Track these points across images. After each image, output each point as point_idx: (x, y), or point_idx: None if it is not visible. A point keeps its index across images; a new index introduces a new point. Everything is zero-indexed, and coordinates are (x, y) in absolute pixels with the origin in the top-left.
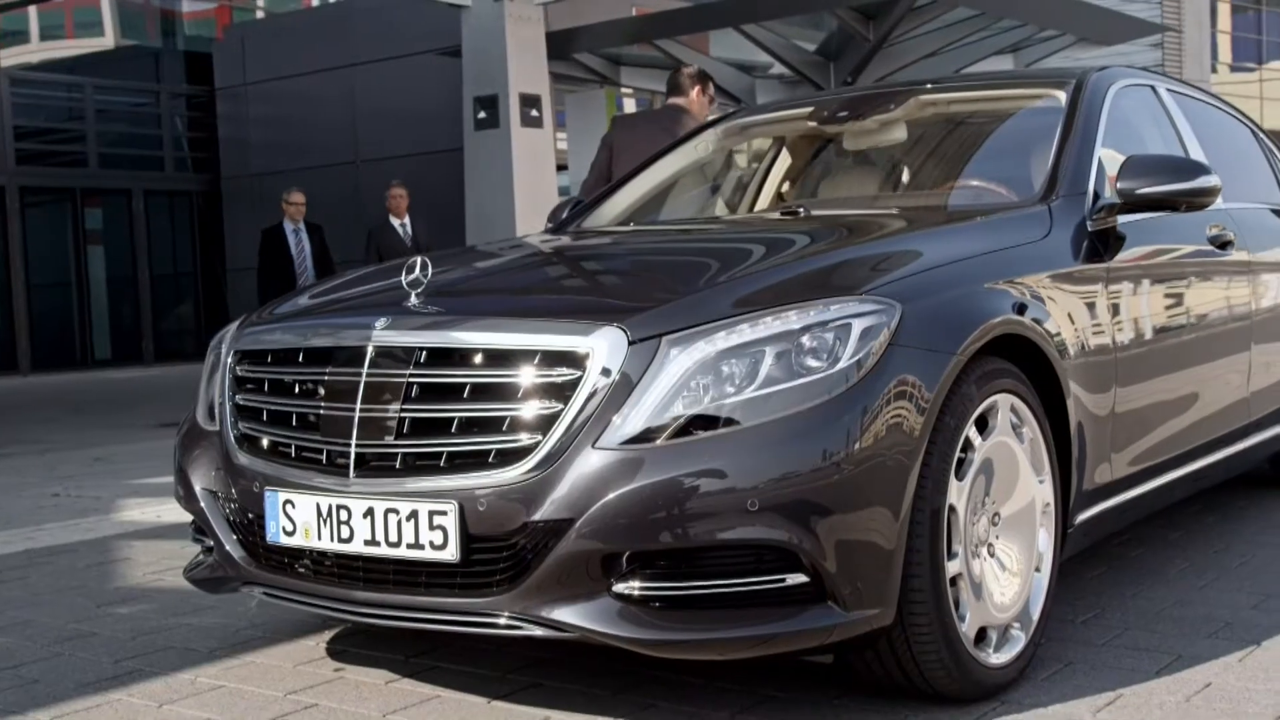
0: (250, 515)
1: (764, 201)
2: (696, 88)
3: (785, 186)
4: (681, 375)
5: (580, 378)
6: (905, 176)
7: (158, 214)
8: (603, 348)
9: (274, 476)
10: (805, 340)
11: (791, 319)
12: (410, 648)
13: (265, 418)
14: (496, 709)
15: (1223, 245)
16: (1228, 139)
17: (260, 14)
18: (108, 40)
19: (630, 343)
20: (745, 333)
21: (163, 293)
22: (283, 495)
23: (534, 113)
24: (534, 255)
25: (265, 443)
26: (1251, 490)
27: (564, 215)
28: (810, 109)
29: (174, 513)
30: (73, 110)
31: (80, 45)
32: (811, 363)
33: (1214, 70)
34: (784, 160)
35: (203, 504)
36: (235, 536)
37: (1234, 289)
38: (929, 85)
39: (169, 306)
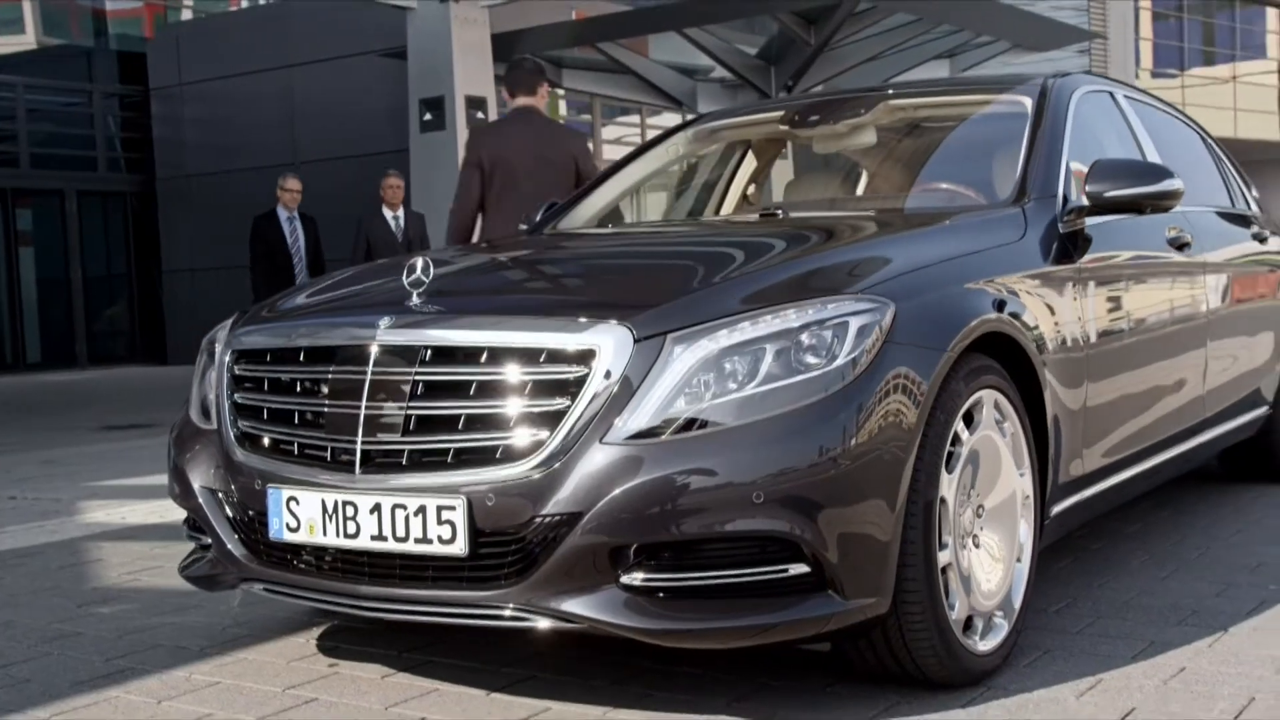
0: (251, 512)
1: (738, 204)
2: (544, 85)
3: (757, 189)
4: (685, 372)
5: (586, 375)
6: (877, 180)
7: (91, 215)
8: (609, 345)
9: (276, 474)
10: (804, 338)
11: (791, 317)
12: (402, 643)
13: (266, 416)
14: (496, 701)
15: (1180, 247)
16: (1179, 143)
17: (187, 13)
18: (31, 39)
19: (635, 340)
20: (746, 330)
21: (96, 295)
22: (286, 492)
23: (480, 115)
24: (530, 255)
25: (266, 440)
26: (1200, 485)
27: (538, 218)
28: (781, 113)
29: (139, 514)
30: (2, 109)
31: (6, 44)
32: (810, 359)
33: (1136, 76)
34: (756, 163)
35: (201, 501)
36: (236, 534)
37: (1192, 289)
38: (891, 91)
39: (103, 309)
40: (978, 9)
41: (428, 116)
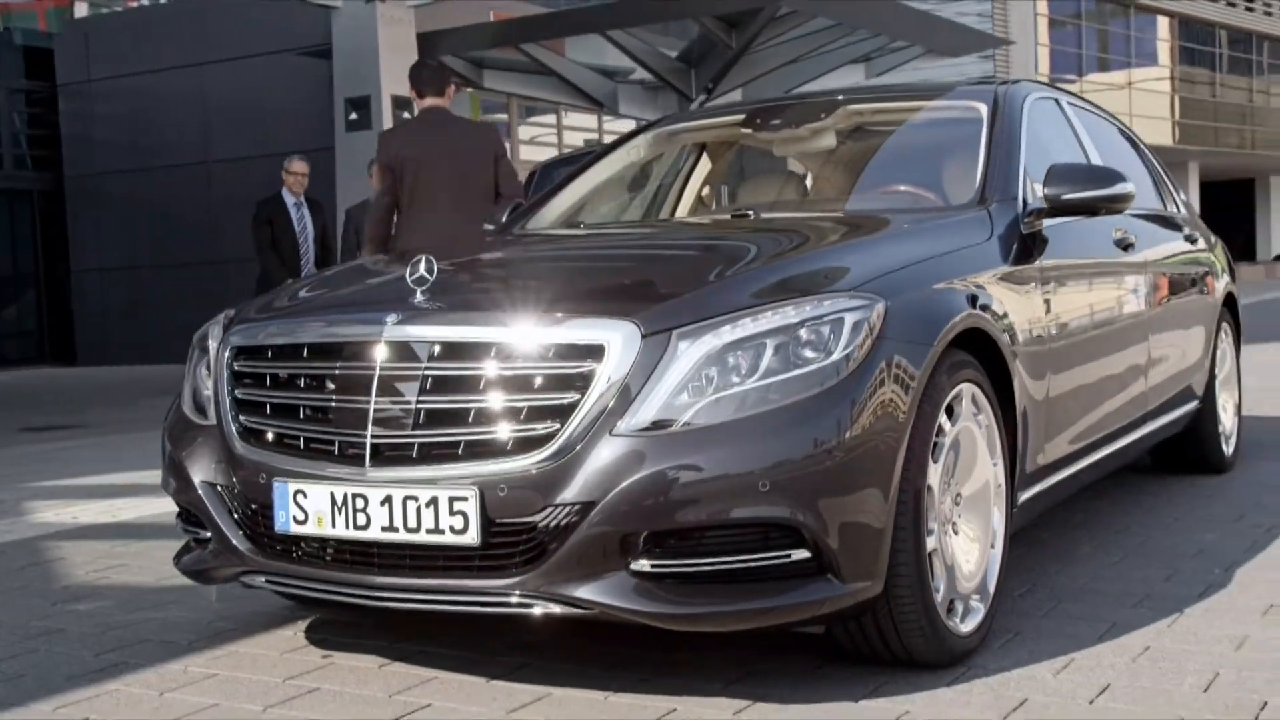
0: (254, 506)
1: (706, 206)
2: (451, 85)
3: (723, 190)
4: (690, 367)
5: (595, 370)
6: (839, 183)
7: None
8: (617, 341)
9: (281, 467)
10: (802, 333)
11: (790, 313)
12: (392, 635)
13: (269, 411)
14: (498, 687)
15: (1125, 248)
16: (1115, 147)
17: (82, 8)
18: None
19: (643, 336)
20: (748, 326)
21: (2, 295)
22: (293, 486)
23: (406, 115)
24: (528, 254)
25: (270, 435)
26: (1134, 477)
27: (504, 218)
28: (742, 116)
29: (90, 514)
30: None
31: None
32: (809, 354)
33: None
34: (719, 166)
35: (201, 495)
36: (239, 528)
37: (1137, 288)
38: (842, 97)
39: (9, 309)
40: (895, 15)
41: (353, 116)
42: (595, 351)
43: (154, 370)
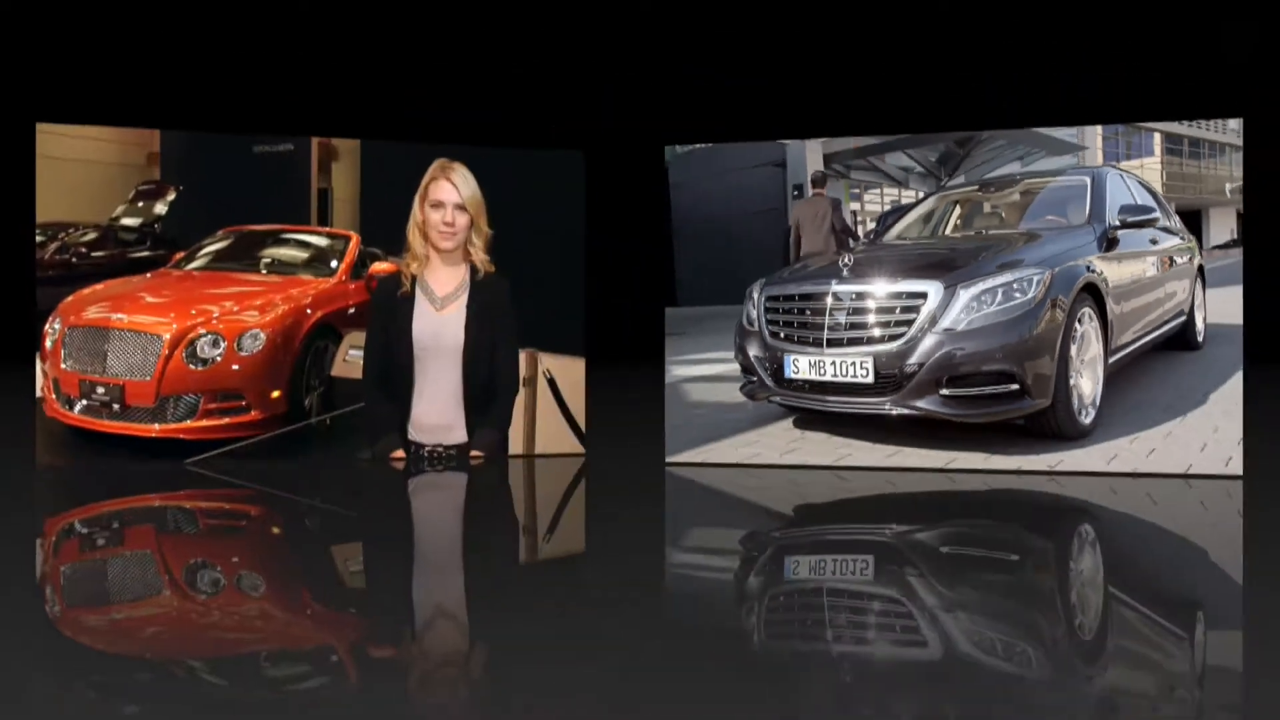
0: (775, 365)
1: (960, 229)
2: (827, 181)
3: (968, 220)
4: (965, 301)
5: (923, 304)
6: (1019, 217)
7: None
8: (933, 290)
9: (787, 349)
10: (1014, 286)
11: (1007, 277)
12: (832, 424)
13: (780, 324)
14: (877, 447)
15: (1153, 243)
16: (1146, 196)
17: (677, 148)
18: None
19: (944, 288)
20: (989, 283)
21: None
22: (791, 356)
23: (817, 191)
24: (890, 252)
25: (781, 334)
26: (1159, 354)
27: (872, 236)
28: (976, 186)
29: (696, 371)
30: None
31: None
32: (1017, 296)
33: None
34: (964, 209)
35: (753, 360)
36: (769, 376)
37: (1160, 261)
38: (1018, 176)
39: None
40: (1033, 137)
41: (795, 193)
42: (922, 295)
43: (714, 308)
